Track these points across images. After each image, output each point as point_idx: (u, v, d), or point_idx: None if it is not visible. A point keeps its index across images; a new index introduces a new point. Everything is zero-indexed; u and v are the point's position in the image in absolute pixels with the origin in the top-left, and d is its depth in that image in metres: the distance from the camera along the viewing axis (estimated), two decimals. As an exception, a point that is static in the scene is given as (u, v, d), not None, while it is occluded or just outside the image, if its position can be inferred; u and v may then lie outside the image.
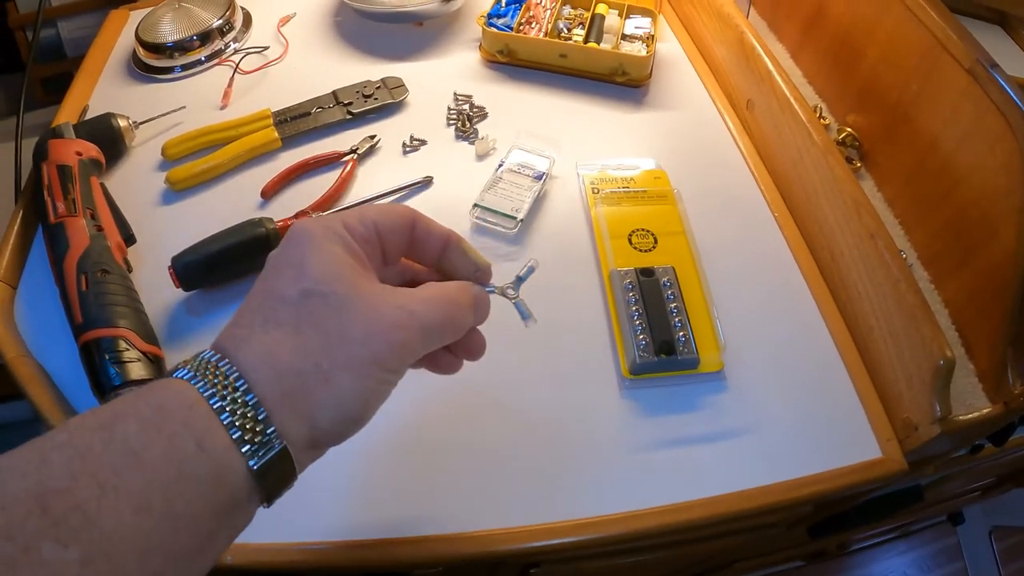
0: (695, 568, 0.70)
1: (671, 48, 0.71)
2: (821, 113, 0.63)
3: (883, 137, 0.58)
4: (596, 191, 0.57)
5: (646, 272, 0.50)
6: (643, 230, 0.54)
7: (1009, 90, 0.46)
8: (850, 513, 0.66)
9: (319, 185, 0.58)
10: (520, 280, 0.36)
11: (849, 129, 0.61)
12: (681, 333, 0.47)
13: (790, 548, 0.78)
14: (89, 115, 0.63)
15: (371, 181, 0.59)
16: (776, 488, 0.44)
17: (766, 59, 0.59)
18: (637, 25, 0.67)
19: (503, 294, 0.36)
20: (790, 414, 0.47)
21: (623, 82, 0.65)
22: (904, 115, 0.55)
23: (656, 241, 0.53)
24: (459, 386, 0.46)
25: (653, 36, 0.66)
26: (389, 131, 0.62)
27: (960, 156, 0.50)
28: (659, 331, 0.47)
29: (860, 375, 0.49)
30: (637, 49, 0.65)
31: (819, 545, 0.80)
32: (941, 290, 0.53)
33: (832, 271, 0.54)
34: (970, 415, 0.46)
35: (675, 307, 0.49)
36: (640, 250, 0.53)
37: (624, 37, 0.67)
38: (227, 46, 0.70)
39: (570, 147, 0.60)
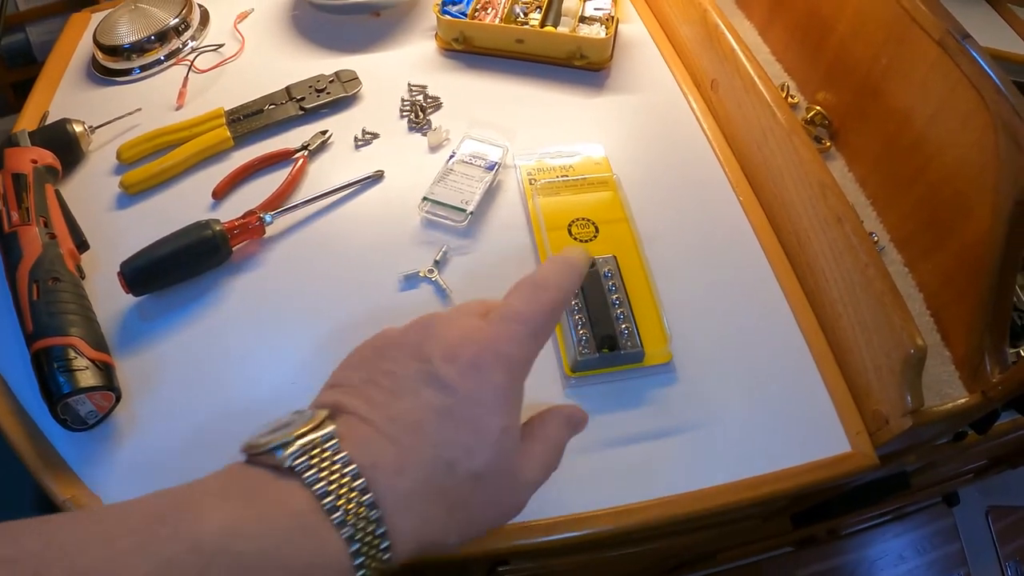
0: (675, 560, 0.69)
1: (634, 29, 0.69)
2: (789, 92, 0.61)
3: (853, 115, 0.56)
4: (533, 182, 0.55)
5: None
6: (583, 219, 0.52)
7: (982, 62, 0.44)
8: (833, 502, 0.65)
9: (270, 183, 0.57)
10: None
11: (818, 108, 0.58)
12: (624, 326, 0.46)
13: (775, 536, 0.77)
14: (49, 121, 0.63)
15: (322, 177, 0.58)
16: (736, 486, 0.43)
17: (730, 37, 0.57)
18: (597, 6, 0.64)
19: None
20: (750, 407, 0.45)
21: (582, 66, 0.63)
22: (874, 91, 0.52)
23: (597, 230, 0.51)
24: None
25: (613, 17, 0.64)
26: (342, 125, 0.61)
27: (932, 132, 0.48)
28: (600, 325, 0.45)
29: (828, 365, 0.48)
30: (596, 31, 0.63)
31: (806, 532, 0.79)
32: (915, 273, 0.51)
33: (799, 256, 0.52)
34: (944, 406, 0.44)
35: (617, 299, 0.47)
36: (581, 240, 0.51)
37: (583, 19, 0.64)
38: (184, 45, 0.69)
39: (526, 135, 0.59)
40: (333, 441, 0.25)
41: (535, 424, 0.33)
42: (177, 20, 0.68)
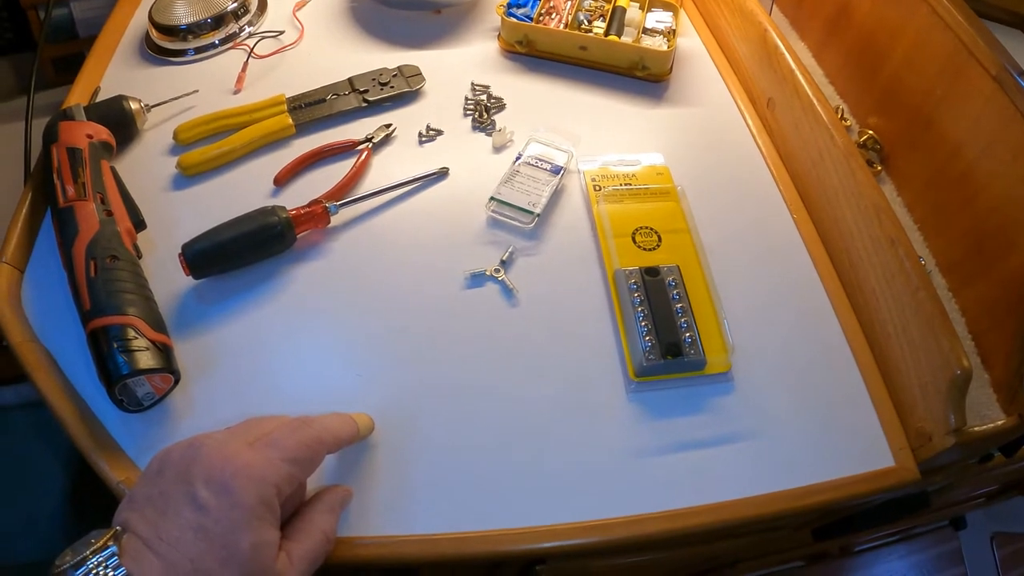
0: (699, 567, 0.70)
1: (692, 43, 0.70)
2: (843, 114, 0.62)
3: (904, 141, 0.57)
4: (598, 188, 0.56)
5: (651, 271, 0.50)
6: (647, 228, 0.53)
7: (1037, 99, 0.45)
8: (856, 516, 0.66)
9: (333, 174, 0.57)
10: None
11: (871, 132, 0.60)
12: (687, 334, 0.47)
13: (793, 549, 0.78)
14: (101, 97, 0.62)
15: (386, 171, 0.58)
16: (785, 495, 0.44)
17: (789, 58, 0.58)
18: (658, 19, 0.66)
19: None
20: (801, 419, 0.46)
21: (643, 76, 0.65)
22: (927, 120, 0.54)
23: (660, 239, 0.53)
24: (466, 389, 0.47)
25: (674, 31, 0.65)
26: (405, 120, 0.62)
27: (982, 164, 0.49)
28: (665, 332, 0.47)
29: (875, 381, 0.49)
30: (658, 43, 0.64)
31: (822, 547, 0.80)
32: (959, 298, 0.52)
33: (850, 275, 0.53)
34: (984, 427, 0.46)
35: (681, 307, 0.48)
36: (644, 249, 0.52)
37: (645, 31, 0.66)
38: (241, 29, 0.69)
39: (588, 140, 0.60)
40: (114, 558, 0.31)
41: (296, 524, 0.37)
42: (235, 4, 0.68)
